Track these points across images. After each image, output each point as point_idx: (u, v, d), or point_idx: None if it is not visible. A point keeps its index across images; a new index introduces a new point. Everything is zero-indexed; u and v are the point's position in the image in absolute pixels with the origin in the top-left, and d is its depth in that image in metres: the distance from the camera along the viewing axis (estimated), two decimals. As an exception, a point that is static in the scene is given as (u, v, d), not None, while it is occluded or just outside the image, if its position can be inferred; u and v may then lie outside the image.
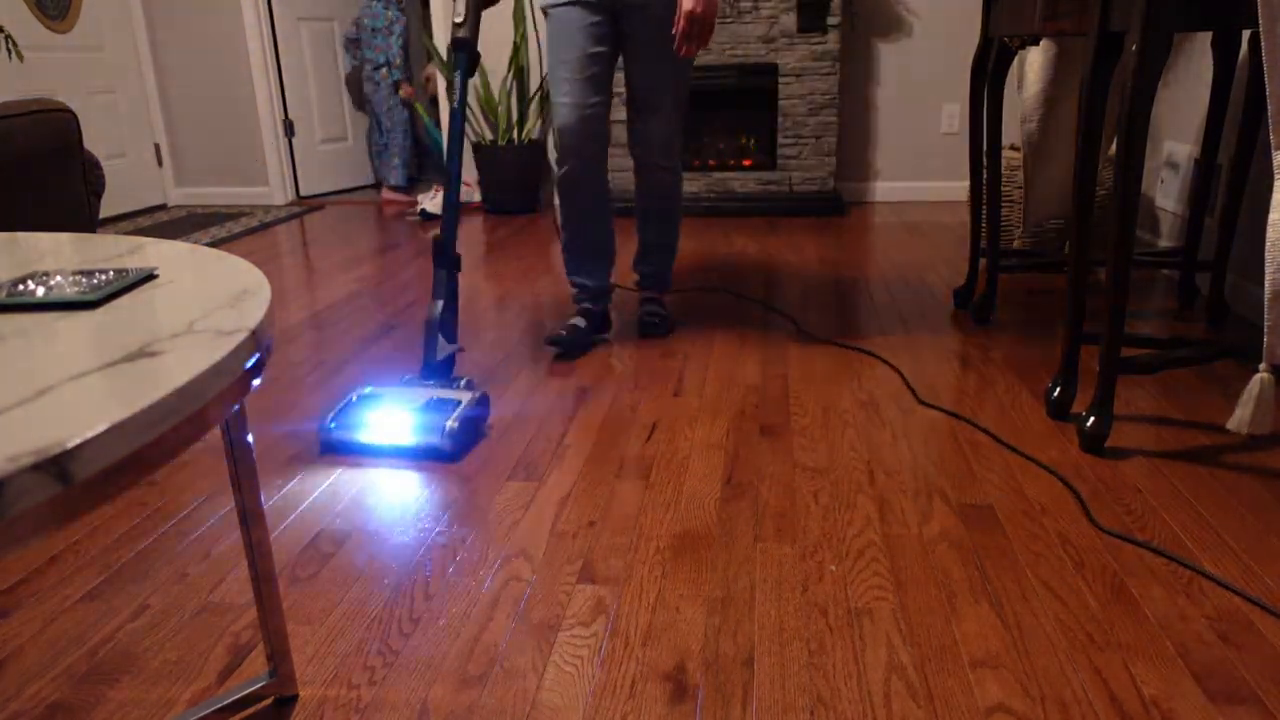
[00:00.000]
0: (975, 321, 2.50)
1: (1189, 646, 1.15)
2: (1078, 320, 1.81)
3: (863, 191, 4.50)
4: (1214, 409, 1.87)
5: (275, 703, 1.10)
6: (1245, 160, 2.23)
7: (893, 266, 3.15)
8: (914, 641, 1.18)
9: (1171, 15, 1.49)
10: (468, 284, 3.08)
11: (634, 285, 2.60)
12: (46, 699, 1.12)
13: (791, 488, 1.60)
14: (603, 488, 1.62)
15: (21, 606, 1.31)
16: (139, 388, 0.61)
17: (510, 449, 1.79)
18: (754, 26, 4.01)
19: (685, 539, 1.44)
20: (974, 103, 2.47)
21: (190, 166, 4.94)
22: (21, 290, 0.86)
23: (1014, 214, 3.03)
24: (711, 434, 1.83)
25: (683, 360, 2.26)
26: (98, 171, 2.19)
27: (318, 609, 1.29)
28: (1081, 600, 1.25)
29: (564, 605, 1.28)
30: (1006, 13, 2.18)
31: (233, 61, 4.70)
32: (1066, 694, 1.07)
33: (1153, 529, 1.43)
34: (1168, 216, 3.00)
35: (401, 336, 2.51)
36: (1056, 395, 1.85)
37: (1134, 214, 1.60)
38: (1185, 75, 2.93)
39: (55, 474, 0.51)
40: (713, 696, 1.09)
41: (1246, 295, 2.43)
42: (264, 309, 0.79)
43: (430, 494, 1.61)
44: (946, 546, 1.40)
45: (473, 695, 1.10)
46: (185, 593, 1.33)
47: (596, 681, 1.12)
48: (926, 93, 4.31)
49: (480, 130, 4.65)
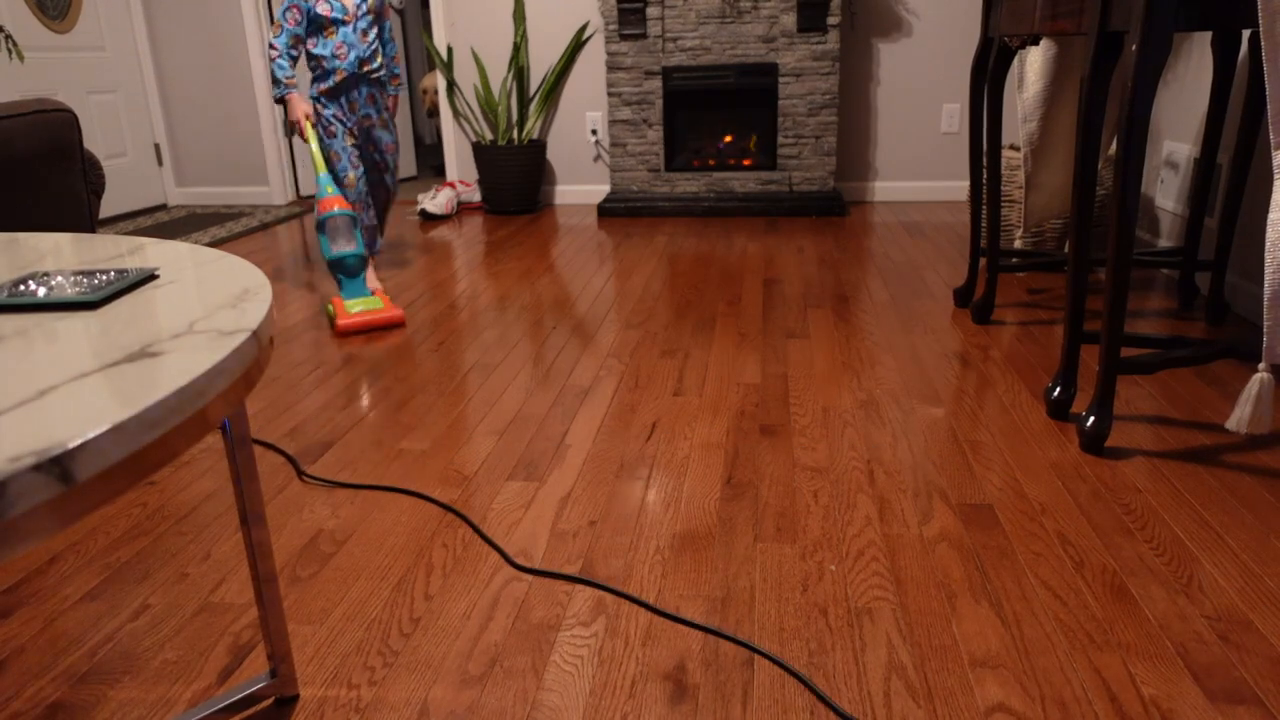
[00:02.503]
0: (975, 321, 2.50)
1: (1189, 646, 1.15)
2: (1078, 320, 1.81)
3: (863, 191, 4.50)
4: (1214, 409, 1.87)
5: (275, 703, 1.11)
6: (1245, 160, 2.23)
7: (893, 266, 3.15)
8: (914, 641, 1.18)
9: (1171, 15, 1.49)
10: (468, 284, 3.08)
11: None
12: (46, 699, 1.12)
13: (791, 488, 1.60)
14: (603, 488, 1.62)
15: (21, 606, 1.31)
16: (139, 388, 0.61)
17: (510, 449, 1.79)
18: (754, 26, 4.01)
19: (685, 539, 1.44)
20: (974, 102, 2.47)
21: (190, 166, 4.94)
22: (22, 290, 0.86)
23: (1014, 214, 3.03)
24: (711, 434, 1.83)
25: (683, 360, 2.26)
26: (98, 171, 2.19)
27: (318, 609, 1.29)
28: (1081, 600, 1.25)
29: (564, 605, 1.28)
30: (1007, 12, 2.18)
31: (233, 61, 4.70)
32: (1066, 694, 1.08)
33: (1153, 529, 1.43)
34: (1168, 216, 3.01)
35: (401, 337, 2.51)
36: (1056, 395, 1.85)
37: (1134, 214, 1.60)
38: (1185, 75, 2.93)
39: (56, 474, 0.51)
40: (712, 696, 1.09)
41: (1246, 295, 2.43)
42: (265, 309, 0.79)
43: (431, 494, 1.61)
44: (946, 546, 1.40)
45: (473, 695, 1.10)
46: (185, 593, 1.34)
47: (596, 681, 1.12)
48: (926, 93, 4.31)
49: (480, 130, 4.65)
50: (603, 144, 4.56)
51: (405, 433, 1.88)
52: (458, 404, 2.02)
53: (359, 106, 2.83)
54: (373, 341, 2.47)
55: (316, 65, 2.75)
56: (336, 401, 2.06)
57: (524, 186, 4.42)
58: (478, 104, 4.60)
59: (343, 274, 2.61)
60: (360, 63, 2.77)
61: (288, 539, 1.48)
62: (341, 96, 2.80)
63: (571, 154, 4.63)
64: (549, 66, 4.49)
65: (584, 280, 3.09)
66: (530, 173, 4.43)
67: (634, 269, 3.23)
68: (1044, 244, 2.95)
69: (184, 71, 4.76)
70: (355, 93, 2.80)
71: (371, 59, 2.79)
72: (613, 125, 4.26)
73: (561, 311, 2.72)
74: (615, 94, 4.21)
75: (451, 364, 2.29)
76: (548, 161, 4.66)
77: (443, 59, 4.53)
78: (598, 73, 4.45)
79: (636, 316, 2.65)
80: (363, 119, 2.85)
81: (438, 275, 3.22)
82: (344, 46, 2.73)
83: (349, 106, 2.81)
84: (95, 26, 4.48)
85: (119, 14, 4.59)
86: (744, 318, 2.60)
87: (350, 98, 2.80)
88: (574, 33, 4.42)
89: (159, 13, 4.68)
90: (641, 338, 2.45)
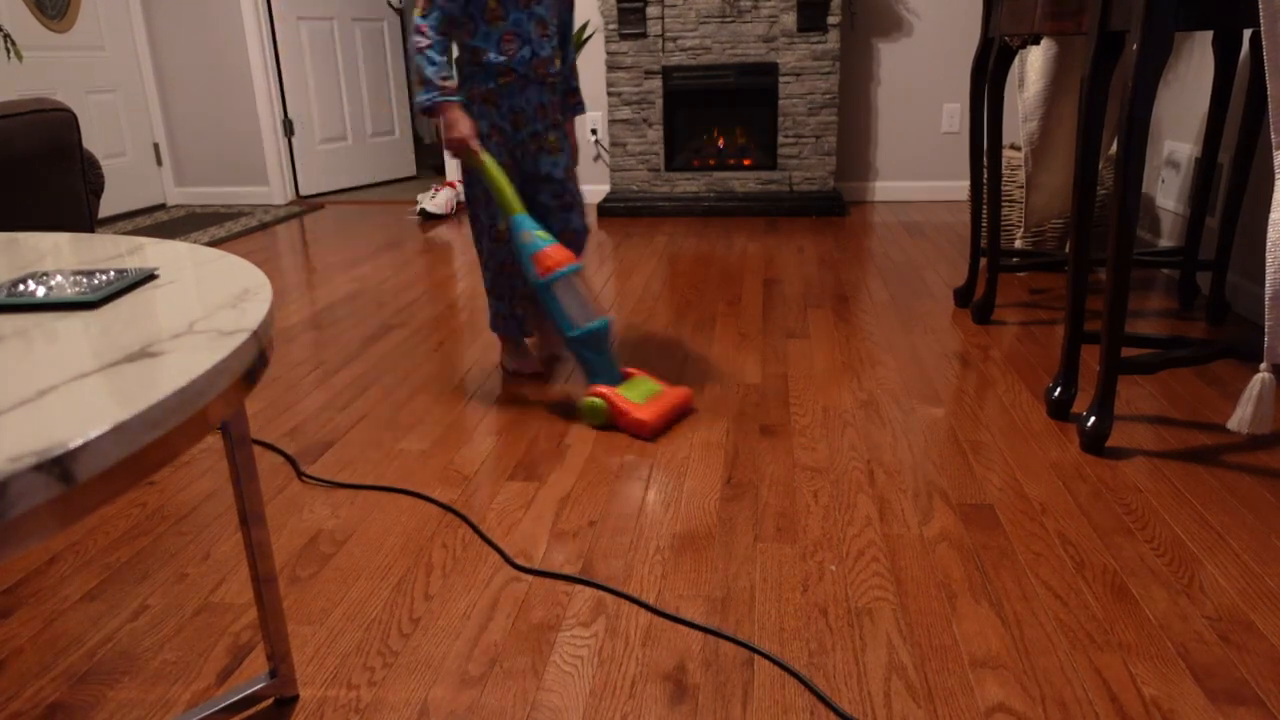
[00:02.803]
0: (976, 321, 2.50)
1: (1189, 646, 1.15)
2: (1078, 320, 1.81)
3: (863, 191, 4.50)
4: (1215, 409, 1.87)
5: (275, 703, 1.10)
6: (1246, 159, 2.23)
7: (893, 266, 3.15)
8: (914, 641, 1.18)
9: (1172, 14, 1.49)
10: (468, 284, 3.08)
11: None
12: (46, 699, 1.12)
13: (791, 488, 1.60)
14: (603, 488, 1.62)
15: (21, 606, 1.31)
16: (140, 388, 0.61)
17: (510, 449, 1.79)
18: (754, 26, 4.01)
19: (685, 539, 1.44)
20: (974, 102, 2.47)
21: (190, 166, 4.94)
22: (21, 290, 0.85)
23: (1014, 214, 3.03)
24: (711, 434, 1.83)
25: (683, 360, 2.26)
26: (97, 171, 2.19)
27: (318, 609, 1.29)
28: (1081, 600, 1.25)
29: (564, 605, 1.28)
30: (1007, 12, 2.18)
31: (232, 61, 4.70)
32: (1067, 694, 1.07)
33: (1153, 529, 1.43)
34: (1168, 216, 3.00)
35: (401, 337, 2.51)
36: (1057, 395, 1.85)
37: (1134, 214, 1.60)
38: (1186, 74, 2.93)
39: (57, 474, 0.51)
40: (712, 697, 1.09)
41: (1247, 295, 2.43)
42: (265, 309, 0.79)
43: (431, 494, 1.61)
44: (946, 546, 1.40)
45: (473, 695, 1.10)
46: (185, 593, 1.33)
47: (596, 681, 1.12)
48: (926, 92, 4.31)
49: (480, 130, 4.64)
50: (602, 144, 4.56)
51: (405, 433, 1.87)
52: (457, 404, 2.02)
53: (526, 121, 2.02)
54: (373, 342, 2.47)
55: (472, 60, 1.97)
56: (336, 401, 2.05)
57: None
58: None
59: (593, 352, 1.89)
60: (535, 62, 1.98)
61: (287, 539, 1.48)
62: (504, 104, 2.00)
63: (571, 154, 4.62)
64: (549, 66, 4.48)
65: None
66: (530, 172, 4.42)
67: (634, 269, 3.23)
68: (1044, 244, 2.95)
69: (183, 71, 4.76)
70: (523, 100, 2.00)
71: (550, 61, 2.02)
72: (613, 125, 4.25)
73: (561, 311, 2.72)
74: (615, 94, 4.20)
75: (451, 364, 2.28)
76: (547, 161, 4.65)
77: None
78: (598, 72, 4.45)
79: (636, 316, 2.65)
80: (530, 138, 2.04)
81: (438, 275, 3.22)
82: (514, 39, 1.95)
83: (513, 120, 2.01)
84: (94, 26, 4.47)
85: (118, 14, 4.59)
86: (744, 318, 2.60)
87: (516, 106, 2.00)
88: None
89: (158, 12, 4.68)
90: (641, 338, 2.45)
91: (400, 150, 5.54)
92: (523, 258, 1.90)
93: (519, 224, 1.90)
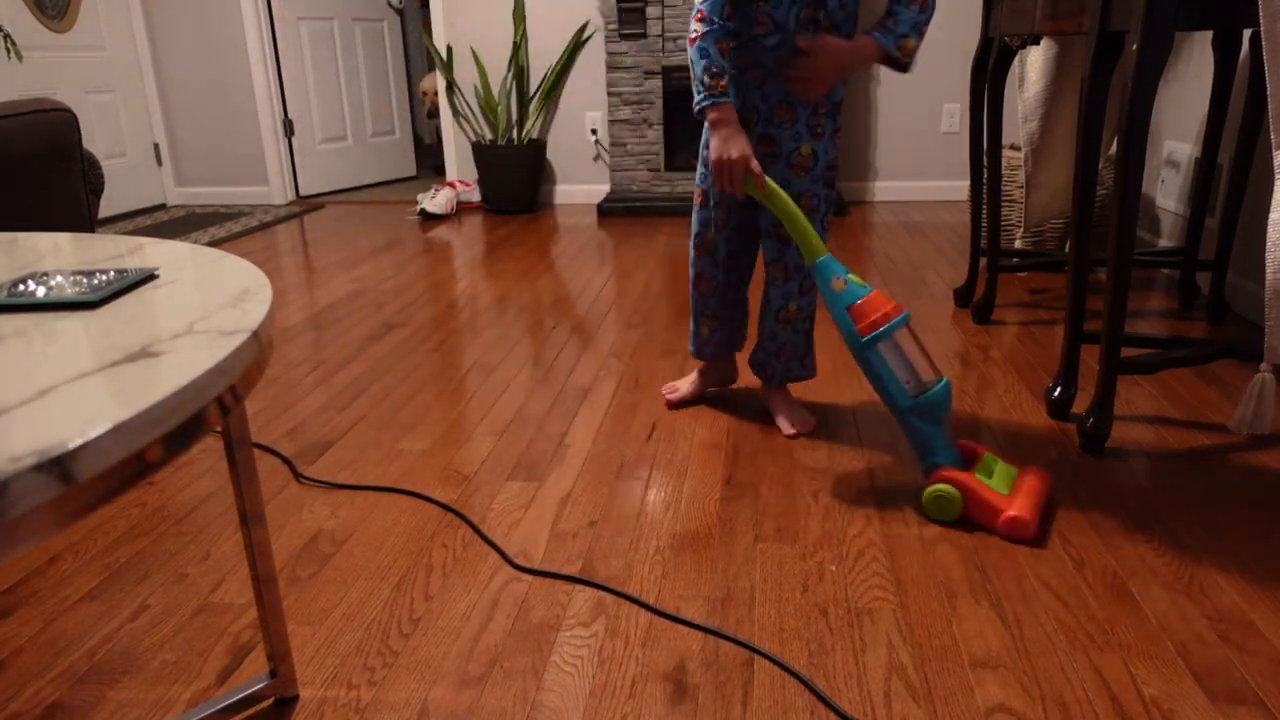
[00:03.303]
0: (975, 321, 2.50)
1: (1189, 646, 1.15)
2: (1078, 320, 1.81)
3: (863, 191, 4.50)
4: (1215, 409, 1.87)
5: (275, 703, 1.10)
6: (1246, 159, 2.23)
7: (893, 266, 3.15)
8: (914, 641, 1.18)
9: (1172, 14, 1.49)
10: (468, 284, 3.08)
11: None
12: (46, 699, 1.12)
13: (791, 488, 1.59)
14: (603, 488, 1.62)
15: (21, 606, 1.31)
16: (140, 388, 0.61)
17: (510, 449, 1.79)
18: (754, 26, 4.01)
19: (685, 539, 1.44)
20: (974, 102, 2.47)
21: (190, 166, 4.94)
22: (21, 290, 0.85)
23: (1014, 214, 3.03)
24: (711, 434, 1.83)
25: (683, 360, 2.26)
26: (97, 171, 2.19)
27: (318, 609, 1.29)
28: (1081, 600, 1.25)
29: (564, 605, 1.28)
30: (1007, 12, 2.18)
31: (232, 61, 4.70)
32: (1067, 694, 1.07)
33: (1153, 529, 1.43)
34: (1168, 216, 3.00)
35: (401, 337, 2.51)
36: (1057, 395, 1.85)
37: (1134, 214, 1.60)
38: (1186, 75, 2.93)
39: (57, 474, 0.51)
40: (712, 697, 1.09)
41: (1247, 295, 2.43)
42: (265, 309, 0.79)
43: (430, 494, 1.61)
44: (947, 546, 1.40)
45: (473, 695, 1.10)
46: (185, 593, 1.33)
47: (596, 682, 1.12)
48: (926, 93, 4.31)
49: (480, 130, 4.65)
50: (602, 143, 4.56)
51: (405, 433, 1.87)
52: (457, 404, 2.02)
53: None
54: (373, 342, 2.47)
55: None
56: (336, 401, 2.05)
57: (524, 186, 4.42)
58: (477, 104, 4.59)
59: (930, 423, 1.50)
60: (788, 50, 1.65)
61: (287, 539, 1.48)
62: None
63: (571, 153, 4.63)
64: (549, 66, 4.48)
65: (584, 280, 3.09)
66: (530, 172, 4.42)
67: (634, 269, 3.23)
68: (1044, 244, 2.95)
69: (183, 71, 4.76)
70: (770, 91, 1.70)
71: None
72: (613, 125, 4.26)
73: (561, 311, 2.72)
74: (615, 94, 4.21)
75: (451, 364, 2.28)
76: (547, 161, 4.66)
77: (442, 59, 4.52)
78: (597, 72, 4.45)
79: (636, 316, 2.65)
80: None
81: (438, 275, 3.22)
82: (769, 22, 1.62)
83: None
84: (94, 26, 4.47)
85: (118, 13, 4.59)
86: (744, 318, 2.59)
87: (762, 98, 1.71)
88: (574, 32, 4.41)
89: (158, 12, 4.67)
90: (641, 338, 2.45)
91: (400, 150, 5.54)
92: (836, 312, 1.52)
93: (827, 269, 1.53)
